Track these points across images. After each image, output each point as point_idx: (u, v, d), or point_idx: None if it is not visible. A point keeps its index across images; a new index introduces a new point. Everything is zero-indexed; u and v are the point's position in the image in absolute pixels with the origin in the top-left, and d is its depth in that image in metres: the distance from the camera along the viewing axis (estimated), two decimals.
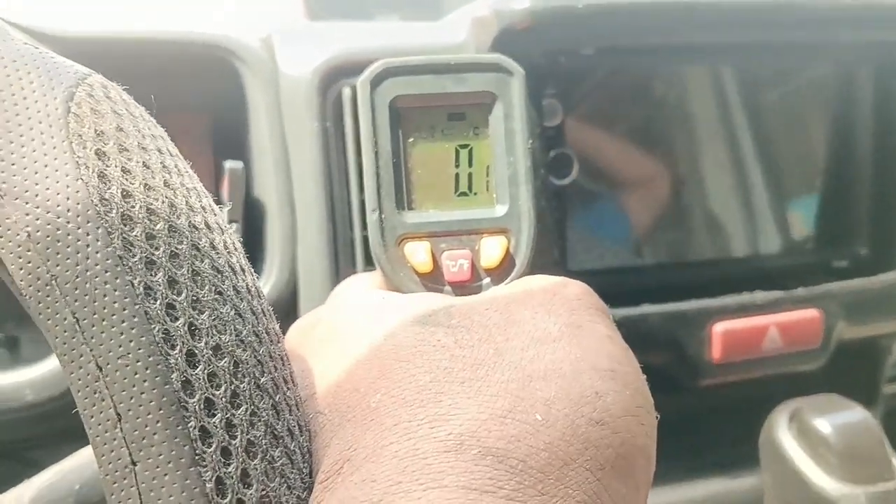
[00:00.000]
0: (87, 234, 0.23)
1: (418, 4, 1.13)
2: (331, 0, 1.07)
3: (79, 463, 0.36)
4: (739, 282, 0.69)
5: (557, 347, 0.28)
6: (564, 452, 0.24)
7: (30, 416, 0.58)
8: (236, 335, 0.25)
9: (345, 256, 0.64)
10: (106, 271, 0.23)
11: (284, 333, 0.33)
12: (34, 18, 0.62)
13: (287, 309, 0.65)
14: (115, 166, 0.25)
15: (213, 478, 0.23)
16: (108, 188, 0.24)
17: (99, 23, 0.63)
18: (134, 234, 0.24)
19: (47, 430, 0.59)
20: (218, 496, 0.23)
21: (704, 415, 0.74)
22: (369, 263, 0.63)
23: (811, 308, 0.68)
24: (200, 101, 0.70)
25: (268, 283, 0.64)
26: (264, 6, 0.96)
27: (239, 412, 0.24)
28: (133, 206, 0.24)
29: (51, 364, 0.58)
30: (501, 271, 0.37)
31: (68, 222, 0.23)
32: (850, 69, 0.74)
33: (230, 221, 0.62)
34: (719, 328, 0.65)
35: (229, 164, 0.64)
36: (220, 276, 0.25)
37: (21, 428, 0.59)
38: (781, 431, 0.53)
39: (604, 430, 0.26)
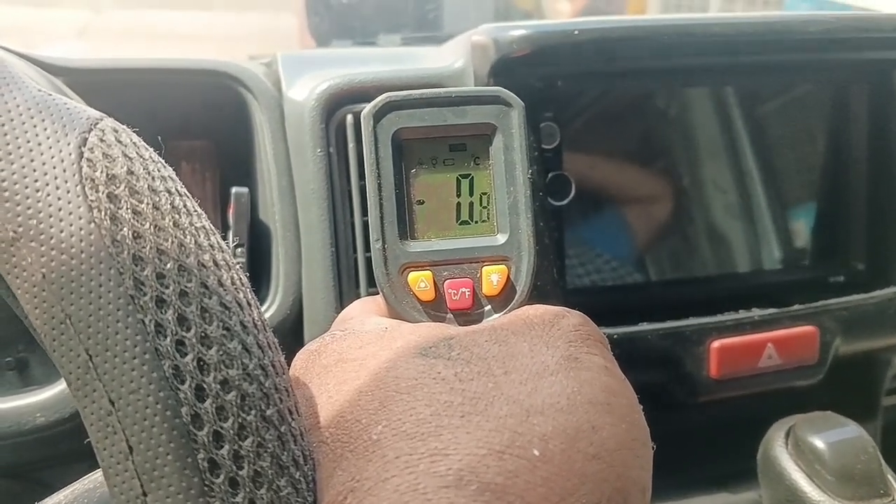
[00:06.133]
0: (100, 275, 0.24)
1: (420, 27, 1.14)
2: (334, 23, 1.08)
3: (90, 486, 0.36)
4: (736, 298, 0.70)
5: (555, 381, 0.28)
6: (561, 487, 0.25)
7: (40, 439, 0.58)
8: (243, 369, 0.26)
9: (348, 278, 0.65)
10: (118, 310, 0.24)
11: (291, 354, 0.34)
12: (41, 50, 0.63)
13: (292, 330, 0.66)
14: (127, 209, 0.26)
15: None
16: (120, 230, 0.25)
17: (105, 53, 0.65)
18: (145, 273, 0.25)
19: (57, 452, 0.60)
20: None
21: (703, 430, 0.74)
22: (372, 285, 0.63)
23: (808, 324, 0.69)
24: (207, 128, 0.71)
25: (273, 304, 0.65)
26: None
27: (246, 443, 0.25)
28: (144, 247, 0.25)
29: (60, 387, 0.59)
30: (502, 298, 0.38)
31: (82, 263, 0.24)
32: (845, 88, 0.75)
33: (236, 247, 0.64)
34: (717, 345, 0.66)
35: (235, 190, 0.65)
36: (227, 312, 0.26)
37: (32, 450, 0.60)
38: (778, 448, 0.53)
39: (600, 464, 0.26)
